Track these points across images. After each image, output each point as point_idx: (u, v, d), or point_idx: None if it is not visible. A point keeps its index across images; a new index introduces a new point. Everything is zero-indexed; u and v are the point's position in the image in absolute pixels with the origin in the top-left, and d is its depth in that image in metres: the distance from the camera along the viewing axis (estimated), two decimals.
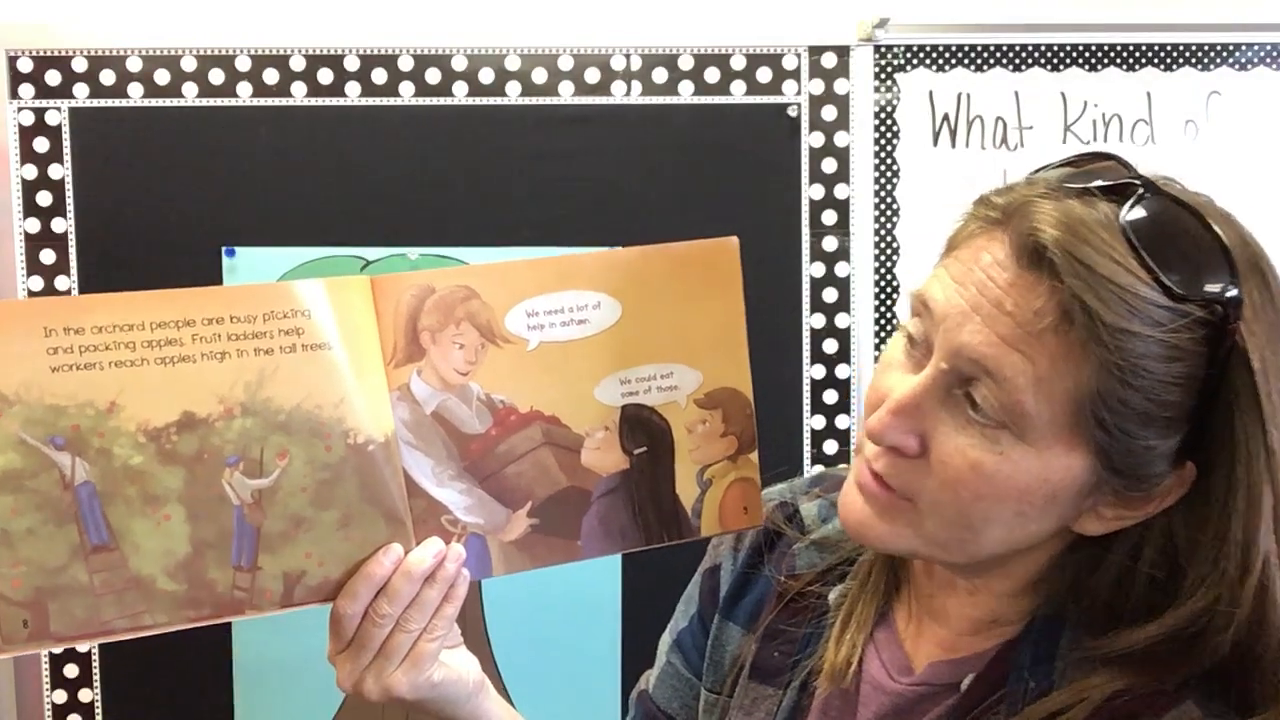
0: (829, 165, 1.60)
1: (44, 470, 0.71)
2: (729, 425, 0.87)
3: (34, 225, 1.58)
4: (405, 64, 1.58)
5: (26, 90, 1.56)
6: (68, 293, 1.57)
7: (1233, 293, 0.63)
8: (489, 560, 0.82)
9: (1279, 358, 0.65)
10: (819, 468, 1.58)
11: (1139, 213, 0.64)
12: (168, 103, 1.57)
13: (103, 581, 0.73)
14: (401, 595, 0.78)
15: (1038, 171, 0.72)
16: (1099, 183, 0.66)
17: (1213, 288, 0.63)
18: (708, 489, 0.87)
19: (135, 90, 1.57)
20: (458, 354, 0.80)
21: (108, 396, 0.71)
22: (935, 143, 1.61)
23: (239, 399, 0.74)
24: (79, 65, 1.56)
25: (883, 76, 1.61)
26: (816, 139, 1.60)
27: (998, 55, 1.61)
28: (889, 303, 1.63)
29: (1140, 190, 0.65)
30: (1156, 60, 1.61)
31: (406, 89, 1.58)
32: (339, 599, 0.78)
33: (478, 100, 1.59)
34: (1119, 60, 1.61)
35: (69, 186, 1.58)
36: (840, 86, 1.59)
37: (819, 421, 1.63)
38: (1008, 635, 0.76)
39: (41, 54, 1.56)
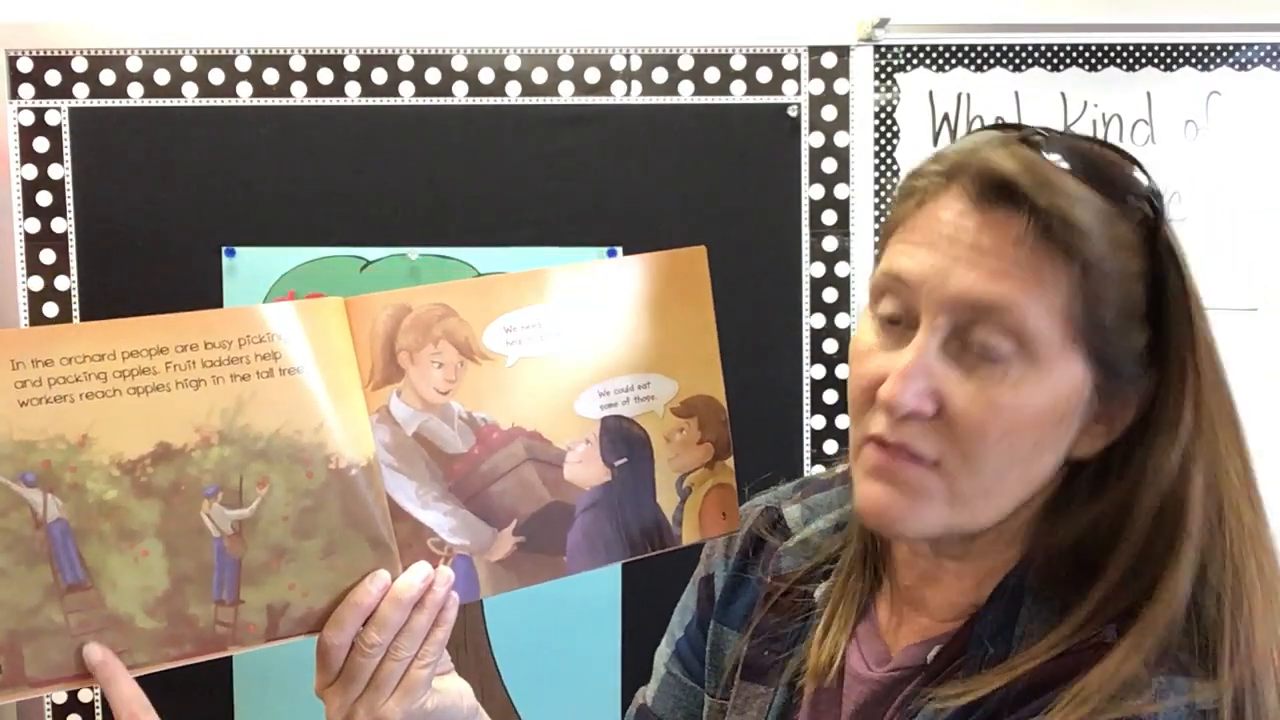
0: (829, 165, 1.60)
1: (14, 508, 0.68)
2: (705, 432, 0.88)
3: (34, 225, 1.58)
4: (405, 64, 1.58)
5: (26, 90, 1.57)
6: (68, 293, 1.57)
7: (1157, 189, 0.73)
8: (476, 581, 0.81)
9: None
10: (819, 468, 1.58)
11: (1058, 148, 0.72)
12: (168, 103, 1.57)
13: (79, 622, 0.70)
14: (390, 623, 0.76)
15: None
16: (1015, 135, 0.74)
17: (1139, 188, 0.72)
18: (687, 496, 0.87)
19: (135, 90, 1.57)
20: (437, 373, 0.79)
21: (79, 430, 0.69)
22: (935, 143, 1.61)
23: (216, 427, 0.72)
24: (79, 65, 1.56)
25: (883, 76, 1.61)
26: (816, 139, 1.60)
27: (998, 55, 1.60)
28: None
29: (1047, 136, 0.73)
30: (1156, 60, 1.61)
31: (406, 89, 1.58)
32: (325, 630, 0.76)
33: (478, 100, 1.59)
34: (1119, 60, 1.61)
35: (69, 186, 1.58)
36: (840, 86, 1.59)
37: (819, 421, 1.63)
38: (974, 611, 0.78)
39: (41, 54, 1.56)
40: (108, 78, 1.57)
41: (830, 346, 1.62)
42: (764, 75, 1.59)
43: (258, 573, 0.74)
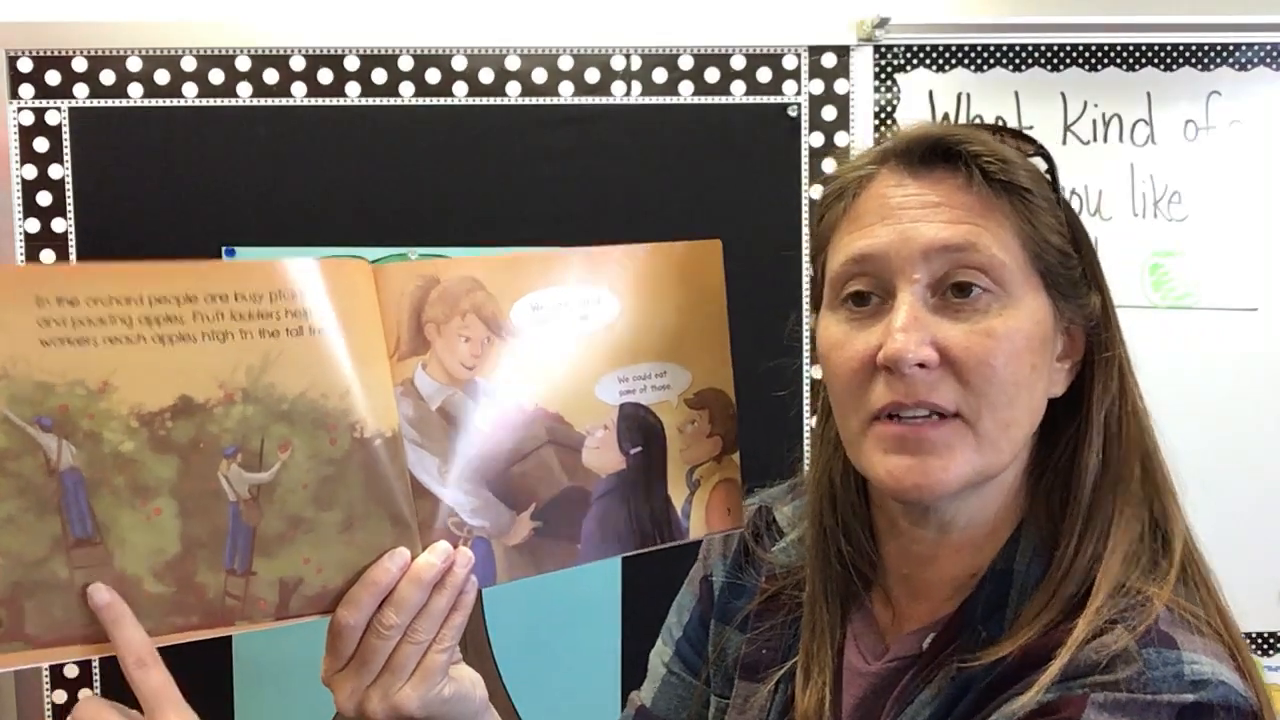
0: (829, 165, 1.60)
1: (28, 452, 0.64)
2: (714, 426, 0.87)
3: (34, 225, 1.58)
4: (405, 64, 1.58)
5: (26, 90, 1.56)
6: None
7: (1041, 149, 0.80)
8: (494, 566, 0.78)
9: None
10: None
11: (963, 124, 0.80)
12: (168, 103, 1.57)
13: (85, 578, 0.66)
14: (410, 604, 0.73)
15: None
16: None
17: (1030, 138, 0.80)
18: (696, 489, 0.87)
19: (135, 90, 1.57)
20: (464, 347, 0.76)
21: (100, 376, 0.65)
22: None
23: (240, 384, 0.68)
24: (79, 65, 1.56)
25: (883, 76, 1.61)
26: (816, 139, 1.60)
27: (998, 55, 1.61)
28: None
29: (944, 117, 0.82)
30: (1156, 60, 1.61)
31: (406, 89, 1.58)
32: (340, 609, 0.73)
33: (478, 100, 1.59)
34: (1119, 60, 1.61)
35: (69, 186, 1.58)
36: (840, 86, 1.59)
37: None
38: (969, 593, 0.79)
39: (41, 54, 1.56)
40: (108, 78, 1.57)
41: None
42: (764, 75, 1.59)
43: (272, 543, 0.70)
